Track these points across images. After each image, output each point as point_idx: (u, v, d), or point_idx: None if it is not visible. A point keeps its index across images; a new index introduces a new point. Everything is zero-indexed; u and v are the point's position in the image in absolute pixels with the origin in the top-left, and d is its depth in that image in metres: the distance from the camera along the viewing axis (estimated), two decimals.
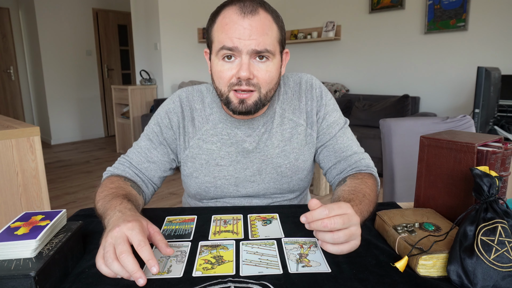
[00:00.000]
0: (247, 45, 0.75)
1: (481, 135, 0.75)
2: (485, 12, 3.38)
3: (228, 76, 0.78)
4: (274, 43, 0.79)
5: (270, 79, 0.80)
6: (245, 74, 0.76)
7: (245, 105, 0.80)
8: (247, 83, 0.78)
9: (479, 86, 1.67)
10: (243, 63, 0.76)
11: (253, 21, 0.75)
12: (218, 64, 0.79)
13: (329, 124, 0.93)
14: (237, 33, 0.75)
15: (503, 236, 0.54)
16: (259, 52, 0.76)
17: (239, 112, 0.81)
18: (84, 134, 5.79)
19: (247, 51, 0.76)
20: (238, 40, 0.75)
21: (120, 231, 0.56)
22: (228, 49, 0.76)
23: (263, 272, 0.57)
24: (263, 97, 0.81)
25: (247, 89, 0.78)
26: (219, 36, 0.77)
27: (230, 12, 0.77)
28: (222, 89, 0.81)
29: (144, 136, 0.94)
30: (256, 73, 0.78)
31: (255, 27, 0.75)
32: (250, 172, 0.92)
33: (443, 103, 3.77)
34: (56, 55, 5.30)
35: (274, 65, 0.80)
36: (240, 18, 0.75)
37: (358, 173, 0.86)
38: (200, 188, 0.93)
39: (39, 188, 1.57)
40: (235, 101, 0.80)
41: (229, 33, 0.75)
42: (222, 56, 0.78)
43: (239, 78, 0.77)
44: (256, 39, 0.75)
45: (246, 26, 0.75)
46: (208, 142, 0.91)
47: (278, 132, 0.91)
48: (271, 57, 0.79)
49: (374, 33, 4.19)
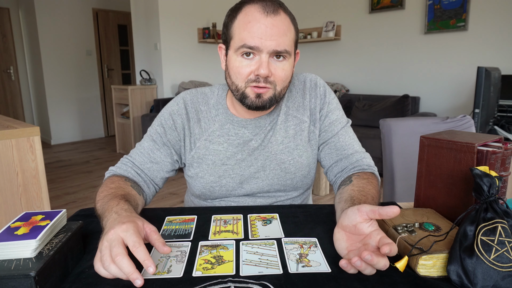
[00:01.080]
0: (268, 45, 0.77)
1: (481, 135, 0.75)
2: (485, 12, 3.38)
3: (246, 72, 0.80)
4: (291, 44, 0.81)
5: (286, 78, 0.83)
6: (265, 72, 0.78)
7: (261, 100, 0.82)
8: (264, 80, 0.80)
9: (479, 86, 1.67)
10: (263, 61, 0.78)
11: (275, 21, 0.77)
12: (237, 60, 0.81)
13: (331, 122, 0.94)
14: (260, 32, 0.77)
15: (503, 236, 0.54)
16: (278, 52, 0.78)
17: (255, 106, 0.83)
18: (84, 134, 5.79)
19: (268, 50, 0.78)
20: (260, 39, 0.77)
21: (115, 234, 0.56)
22: (249, 47, 0.78)
23: (263, 272, 0.57)
24: (277, 94, 0.83)
25: (264, 86, 0.80)
26: (241, 34, 0.79)
27: (252, 10, 0.78)
28: (239, 84, 0.82)
29: (147, 137, 0.94)
30: (274, 71, 0.80)
31: (276, 27, 0.77)
32: (254, 169, 0.92)
33: (443, 103, 3.77)
34: (56, 55, 5.30)
35: (290, 65, 0.83)
36: (263, 17, 0.77)
37: (362, 173, 0.87)
38: (205, 188, 0.93)
39: (39, 188, 1.57)
40: (252, 95, 0.82)
41: (251, 31, 0.77)
42: (241, 53, 0.80)
43: (258, 75, 0.79)
44: (277, 40, 0.77)
45: (268, 26, 0.77)
46: (215, 143, 0.92)
47: (282, 129, 0.92)
48: (288, 57, 0.81)
49: (374, 33, 4.19)
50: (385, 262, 0.54)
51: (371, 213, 0.58)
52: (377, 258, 0.53)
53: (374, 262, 0.53)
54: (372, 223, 0.59)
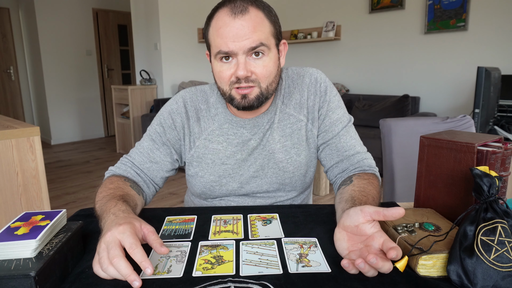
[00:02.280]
0: (242, 46, 0.77)
1: (481, 135, 0.75)
2: (485, 12, 3.38)
3: (227, 75, 0.80)
4: (268, 37, 0.80)
5: (269, 73, 0.82)
6: (242, 73, 0.78)
7: (247, 100, 0.81)
8: (246, 80, 0.80)
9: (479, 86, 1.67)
10: (239, 63, 0.78)
11: (244, 20, 0.77)
12: (218, 65, 0.81)
13: (332, 121, 0.92)
14: (230, 35, 0.77)
15: (503, 236, 0.54)
16: (254, 47, 0.78)
17: (243, 107, 0.82)
18: (84, 134, 5.79)
19: (243, 51, 0.77)
20: (232, 42, 0.77)
21: (112, 235, 0.56)
22: (225, 53, 0.78)
23: (263, 272, 0.57)
24: (264, 91, 0.82)
25: (247, 86, 0.80)
26: (215, 40, 0.80)
27: (222, 15, 0.78)
28: (224, 88, 0.83)
29: (146, 136, 0.94)
30: (254, 69, 0.80)
31: (246, 27, 0.77)
32: (253, 168, 0.92)
33: (443, 103, 3.77)
34: (56, 55, 5.30)
35: (271, 60, 0.81)
36: (231, 20, 0.77)
37: (363, 173, 0.86)
38: (205, 187, 0.93)
39: (39, 188, 1.57)
40: (238, 97, 0.82)
41: (223, 37, 0.77)
42: (220, 58, 0.80)
43: (238, 77, 0.79)
44: (250, 38, 0.77)
45: (238, 27, 0.76)
46: (214, 142, 0.92)
47: (279, 128, 0.92)
48: (267, 51, 0.80)
49: (374, 33, 4.19)
50: (389, 266, 0.54)
51: (375, 214, 0.58)
52: (382, 262, 0.53)
53: (379, 265, 0.53)
54: (375, 224, 0.59)
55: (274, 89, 0.85)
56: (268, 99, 0.85)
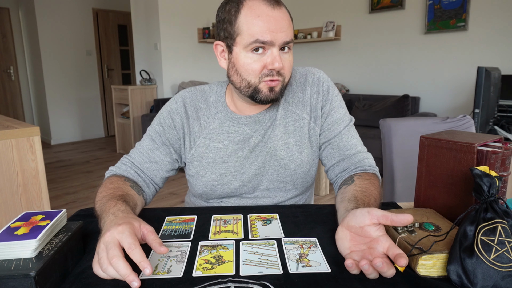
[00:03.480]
0: (280, 37, 0.77)
1: (481, 135, 0.75)
2: (485, 12, 3.38)
3: (259, 67, 0.80)
4: (293, 34, 0.82)
5: (291, 68, 0.85)
6: (280, 65, 0.78)
7: (274, 93, 0.82)
8: (277, 73, 0.80)
9: (479, 86, 1.67)
10: (275, 55, 0.78)
11: (281, 12, 0.78)
12: (247, 56, 0.79)
13: (334, 120, 0.92)
14: (271, 25, 0.76)
15: (503, 236, 0.54)
16: (287, 42, 0.79)
17: (270, 99, 0.83)
18: (84, 134, 5.79)
19: (279, 43, 0.78)
20: (272, 33, 0.76)
21: (111, 236, 0.56)
22: (262, 42, 0.77)
23: (263, 272, 0.57)
24: (285, 85, 0.85)
25: (277, 79, 0.81)
26: (250, 29, 0.77)
27: (257, 4, 0.77)
28: (251, 80, 0.81)
29: (146, 136, 0.94)
30: (284, 62, 0.81)
31: (284, 19, 0.78)
32: (255, 166, 0.92)
33: (443, 103, 3.77)
34: (56, 55, 5.30)
35: (292, 55, 0.84)
36: (270, 10, 0.76)
37: (364, 173, 0.86)
38: (206, 187, 0.93)
39: (39, 188, 1.57)
40: (265, 89, 0.82)
41: (262, 25, 0.76)
42: (252, 49, 0.78)
43: (272, 69, 0.79)
44: (286, 31, 0.78)
45: (277, 18, 0.77)
46: (215, 141, 0.92)
47: (281, 125, 0.92)
48: (291, 47, 0.82)
49: (374, 33, 4.19)
50: (393, 271, 0.54)
51: (382, 219, 0.57)
52: (387, 266, 0.53)
53: (384, 270, 0.53)
54: (380, 227, 0.58)
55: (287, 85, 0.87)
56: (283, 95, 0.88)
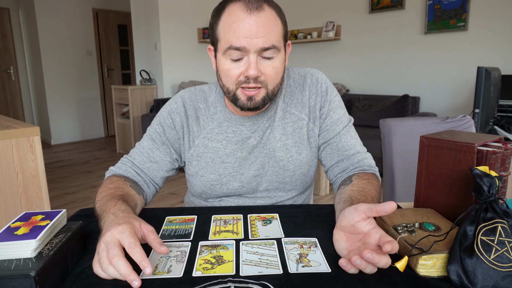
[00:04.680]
0: (255, 44, 0.75)
1: (481, 135, 0.75)
2: (485, 12, 3.38)
3: (236, 74, 0.79)
4: (279, 38, 0.79)
5: (277, 75, 0.81)
6: (253, 72, 0.76)
7: (253, 102, 0.81)
8: (254, 81, 0.78)
9: (479, 86, 1.67)
10: (251, 62, 0.76)
11: (259, 17, 0.75)
12: (226, 62, 0.79)
13: (333, 121, 0.92)
14: (244, 31, 0.74)
15: (503, 236, 0.54)
16: (266, 48, 0.76)
17: (248, 108, 0.82)
18: (84, 134, 5.79)
19: (255, 49, 0.76)
20: (246, 39, 0.75)
21: (111, 235, 0.56)
22: (236, 48, 0.76)
23: (263, 272, 0.57)
24: (270, 93, 0.82)
25: (255, 86, 0.79)
26: (226, 35, 0.77)
27: (235, 9, 0.75)
28: (229, 87, 0.81)
29: (146, 136, 0.95)
30: (264, 70, 0.78)
31: (261, 24, 0.75)
32: (254, 167, 0.92)
33: (443, 103, 3.77)
34: (56, 55, 5.30)
35: (280, 61, 0.80)
36: (246, 15, 0.74)
37: (363, 173, 0.86)
38: (205, 186, 0.93)
39: (39, 188, 1.57)
40: (243, 98, 0.81)
41: (236, 32, 0.75)
42: (229, 55, 0.78)
43: (247, 76, 0.77)
44: (263, 37, 0.75)
45: (252, 24, 0.74)
46: (213, 141, 0.92)
47: (280, 126, 0.91)
48: (277, 53, 0.79)
49: (374, 33, 4.19)
50: (386, 260, 0.54)
51: (368, 211, 0.58)
52: (378, 256, 0.54)
53: (376, 260, 0.53)
54: (370, 221, 0.59)
55: (278, 90, 0.85)
56: (271, 100, 0.85)
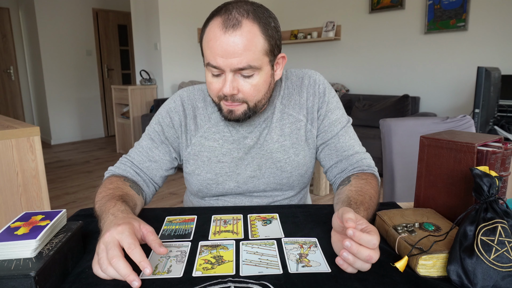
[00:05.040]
0: (229, 63, 0.74)
1: (481, 135, 0.75)
2: (485, 12, 3.38)
3: (216, 89, 0.80)
4: (259, 57, 0.76)
5: (257, 92, 0.80)
6: (227, 91, 0.77)
7: (234, 115, 0.82)
8: (231, 98, 0.79)
9: (479, 86, 1.67)
10: (226, 80, 0.77)
11: (234, 37, 0.73)
12: (208, 75, 0.81)
13: (331, 122, 0.93)
14: (219, 50, 0.74)
15: (503, 236, 0.54)
16: (241, 69, 0.75)
17: (229, 120, 0.84)
18: (84, 134, 5.79)
19: (230, 69, 0.75)
20: (221, 58, 0.74)
21: (110, 236, 0.56)
22: (213, 66, 0.77)
23: (263, 272, 0.57)
24: (252, 107, 0.82)
25: (231, 104, 0.80)
26: (205, 51, 0.78)
27: (214, 26, 0.75)
28: (213, 99, 0.84)
29: (145, 135, 0.95)
30: (241, 88, 0.78)
31: (236, 44, 0.73)
32: (251, 168, 0.92)
33: (443, 103, 3.77)
34: (56, 55, 5.30)
35: (261, 78, 0.79)
36: (221, 34, 0.73)
37: (361, 173, 0.86)
38: (202, 185, 0.93)
39: (39, 188, 1.57)
40: (225, 110, 0.83)
41: (212, 50, 0.75)
42: (209, 70, 0.79)
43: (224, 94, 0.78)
44: (238, 57, 0.73)
45: (227, 43, 0.73)
46: (210, 140, 0.92)
47: (277, 127, 0.92)
48: (257, 71, 0.77)
49: (374, 33, 4.19)
50: (369, 252, 0.54)
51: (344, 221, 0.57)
52: (357, 246, 0.54)
53: (354, 250, 0.54)
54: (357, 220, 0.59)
55: (264, 104, 0.85)
56: (257, 113, 0.85)
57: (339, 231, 0.62)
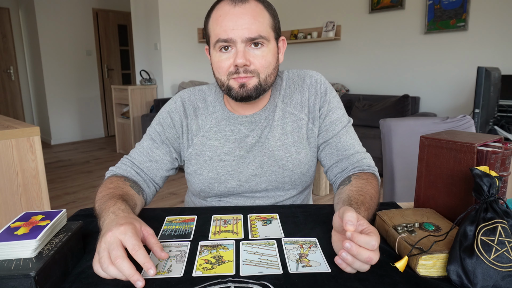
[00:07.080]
0: (240, 34, 0.78)
1: (481, 135, 0.75)
2: (485, 12, 3.37)
3: (226, 65, 0.81)
4: (267, 29, 0.81)
5: (268, 64, 0.83)
6: (241, 61, 0.79)
7: (245, 89, 0.82)
8: (244, 70, 0.80)
9: (479, 86, 1.67)
10: (238, 51, 0.79)
11: (244, 8, 0.78)
12: (216, 55, 0.82)
13: (332, 121, 0.93)
14: (230, 23, 0.78)
15: (503, 236, 0.54)
16: (253, 39, 0.79)
17: (241, 96, 0.83)
18: (84, 134, 5.79)
19: (242, 39, 0.78)
20: (232, 30, 0.78)
21: (113, 236, 0.56)
22: (224, 41, 0.79)
23: (263, 272, 0.57)
24: (263, 82, 0.83)
25: (244, 76, 0.81)
26: (214, 30, 0.81)
27: (222, 5, 0.80)
28: (222, 79, 0.84)
29: (146, 136, 0.95)
30: (253, 59, 0.81)
31: (246, 15, 0.78)
32: (252, 166, 0.92)
33: (443, 103, 3.77)
34: (56, 55, 5.30)
35: (270, 51, 0.83)
36: (231, 8, 0.78)
37: (362, 173, 0.87)
38: (204, 185, 0.93)
39: (39, 188, 1.57)
40: (236, 86, 0.82)
41: (222, 25, 0.79)
42: (219, 48, 0.81)
43: (237, 66, 0.80)
44: (249, 27, 0.78)
45: (237, 15, 0.78)
46: (211, 139, 0.92)
47: (279, 125, 0.92)
48: (266, 43, 0.81)
49: (374, 33, 4.19)
50: (368, 254, 0.54)
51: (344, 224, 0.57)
52: (357, 248, 0.54)
53: (354, 251, 0.54)
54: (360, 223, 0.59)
55: (272, 82, 0.86)
56: (266, 92, 0.86)
57: (340, 231, 0.62)
